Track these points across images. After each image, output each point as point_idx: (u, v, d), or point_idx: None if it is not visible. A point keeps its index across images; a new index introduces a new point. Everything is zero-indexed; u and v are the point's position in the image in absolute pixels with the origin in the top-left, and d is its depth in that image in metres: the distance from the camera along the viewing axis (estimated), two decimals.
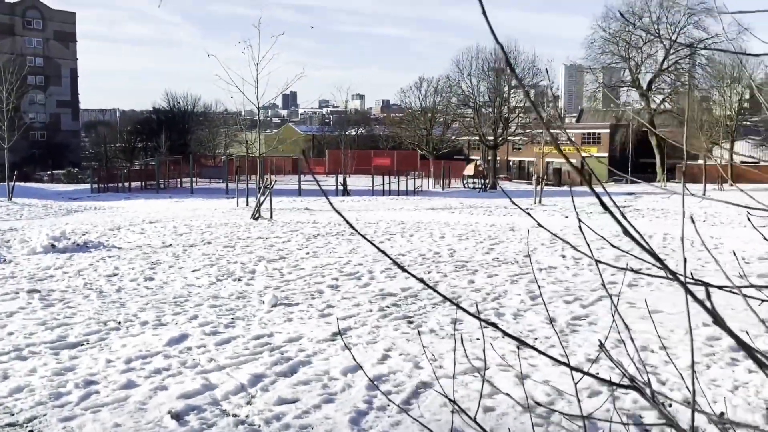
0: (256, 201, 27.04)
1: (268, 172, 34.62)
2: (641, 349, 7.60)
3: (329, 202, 1.39)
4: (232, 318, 9.41)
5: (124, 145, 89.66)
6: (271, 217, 25.90)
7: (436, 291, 1.55)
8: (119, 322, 9.13)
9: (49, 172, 74.02)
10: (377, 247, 1.44)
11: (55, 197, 43.34)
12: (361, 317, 9.45)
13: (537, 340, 8.17)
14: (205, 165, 68.65)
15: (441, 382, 6.48)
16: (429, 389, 6.34)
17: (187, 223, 24.08)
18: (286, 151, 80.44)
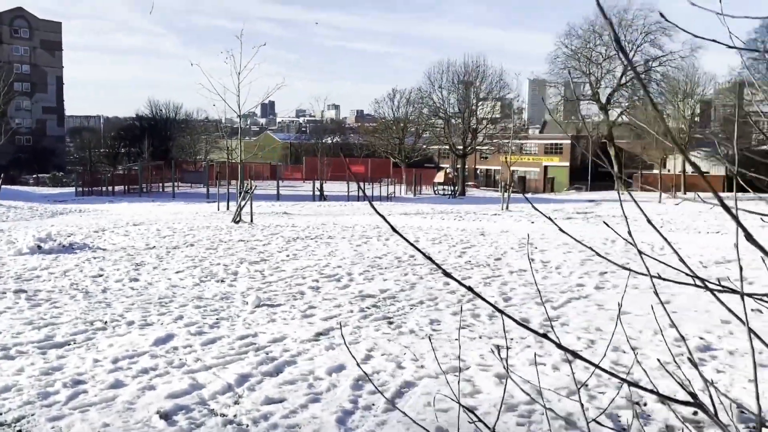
0: (236, 205, 26.78)
1: (247, 178, 34.23)
2: (614, 350, 7.52)
3: (374, 209, 1.26)
4: (217, 318, 9.19)
5: (107, 150, 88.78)
6: (251, 220, 25.62)
7: (491, 303, 1.41)
8: (105, 322, 8.89)
9: (34, 176, 73.13)
10: (435, 262, 1.30)
11: (41, 200, 42.71)
12: (343, 318, 9.28)
13: (513, 340, 8.03)
14: (187, 170, 67.93)
15: (423, 382, 6.39)
16: (412, 389, 6.19)
17: (169, 226, 23.73)
18: (265, 158, 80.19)
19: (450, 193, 61.82)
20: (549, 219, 2.11)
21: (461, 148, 65.85)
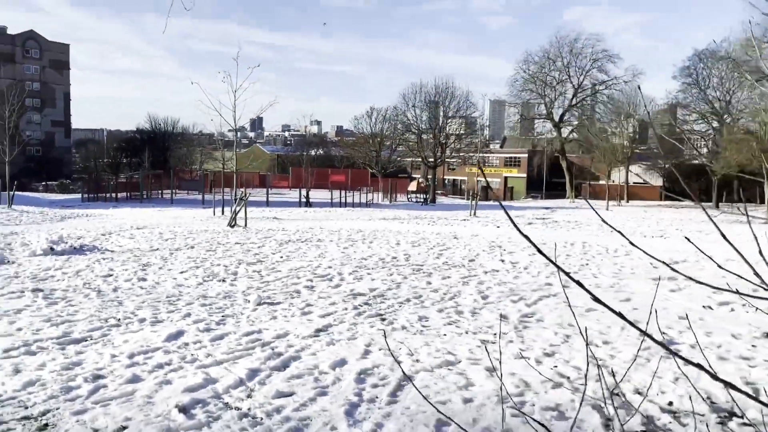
0: (231, 210, 26.40)
1: (240, 186, 33.88)
2: (587, 345, 7.37)
3: (514, 225, 1.08)
4: (222, 316, 8.89)
5: (110, 160, 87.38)
6: (245, 225, 25.24)
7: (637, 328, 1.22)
8: (119, 319, 8.56)
9: (44, 183, 72.08)
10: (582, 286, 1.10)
11: (50, 205, 41.85)
12: (339, 315, 9.02)
13: (496, 335, 7.85)
14: (183, 178, 66.94)
15: (420, 376, 6.18)
16: (412, 381, 5.98)
17: (171, 229, 23.29)
18: (255, 168, 79.57)
19: (422, 200, 61.76)
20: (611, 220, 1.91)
21: (432, 160, 65.80)
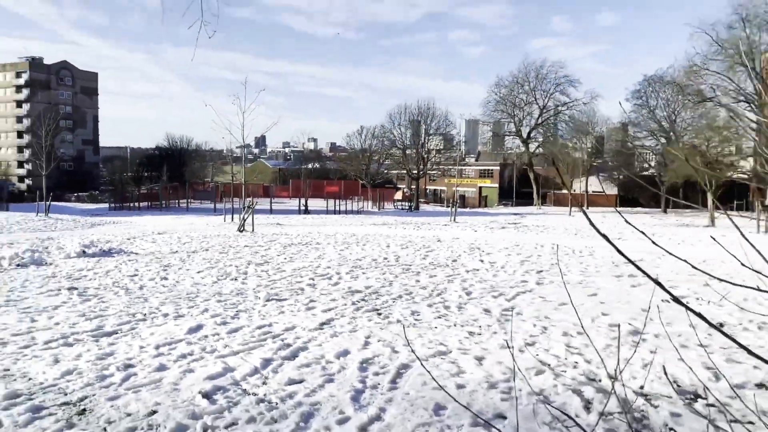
0: (240, 217, 26.23)
1: (247, 195, 33.73)
2: (564, 335, 7.32)
3: (600, 234, 1.04)
4: (236, 311, 8.78)
5: (133, 174, 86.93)
6: (252, 230, 25.10)
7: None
8: (145, 314, 8.43)
9: (75, 194, 72.16)
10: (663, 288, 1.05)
11: (81, 214, 41.53)
12: (339, 310, 8.92)
13: (481, 327, 7.80)
14: (197, 189, 66.63)
15: (416, 364, 6.10)
16: (409, 370, 5.89)
17: (187, 234, 23.11)
18: (259, 180, 79.34)
19: (408, 207, 61.82)
20: (645, 234, 1.86)
21: (415, 172, 65.93)
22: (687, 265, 9.39)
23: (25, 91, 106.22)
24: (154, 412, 4.76)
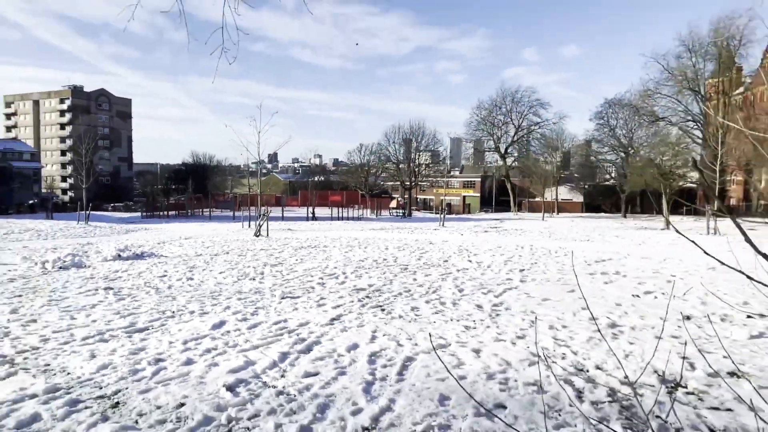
0: (256, 224, 25.92)
1: (262, 205, 33.40)
2: (550, 328, 7.06)
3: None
4: (255, 308, 8.48)
5: (162, 186, 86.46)
6: (267, 235, 24.76)
7: None
8: (173, 312, 8.14)
9: (112, 205, 71.79)
10: None
11: (117, 221, 41.05)
12: (347, 306, 8.63)
13: (475, 321, 7.53)
14: (218, 200, 66.12)
15: (420, 357, 5.84)
16: (413, 362, 5.62)
17: (210, 239, 22.77)
18: (272, 191, 78.96)
19: (401, 214, 61.52)
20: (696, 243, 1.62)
21: (408, 183, 65.66)
22: (649, 264, 9.12)
23: (68, 115, 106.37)
24: (182, 405, 4.48)
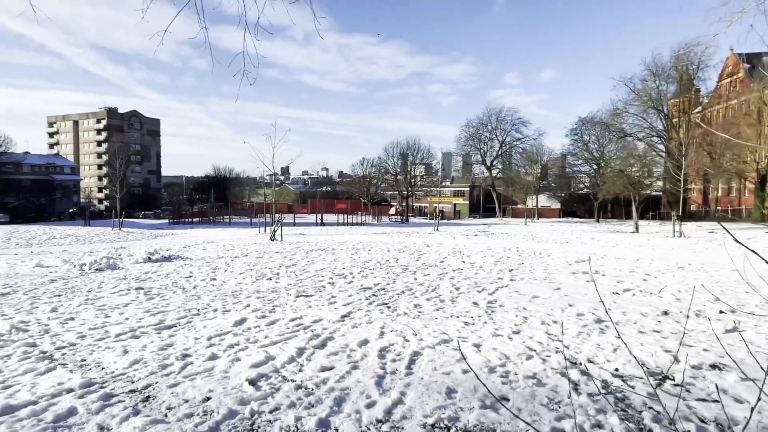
0: (271, 229, 25.67)
1: (276, 212, 33.18)
2: (542, 323, 6.85)
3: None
4: (273, 306, 8.24)
5: (187, 196, 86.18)
6: (281, 239, 24.54)
7: None
8: (198, 310, 7.91)
9: (142, 212, 71.49)
10: None
11: (147, 227, 40.72)
12: (356, 304, 8.40)
13: (473, 317, 7.31)
14: (237, 208, 65.74)
15: (426, 352, 5.61)
16: (420, 357, 5.40)
17: (230, 243, 22.53)
18: (284, 200, 78.68)
19: (400, 220, 61.25)
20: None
21: (405, 192, 65.47)
22: (624, 264, 8.88)
23: (103, 134, 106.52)
24: (208, 399, 4.26)
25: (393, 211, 69.46)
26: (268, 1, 4.38)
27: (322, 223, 46.97)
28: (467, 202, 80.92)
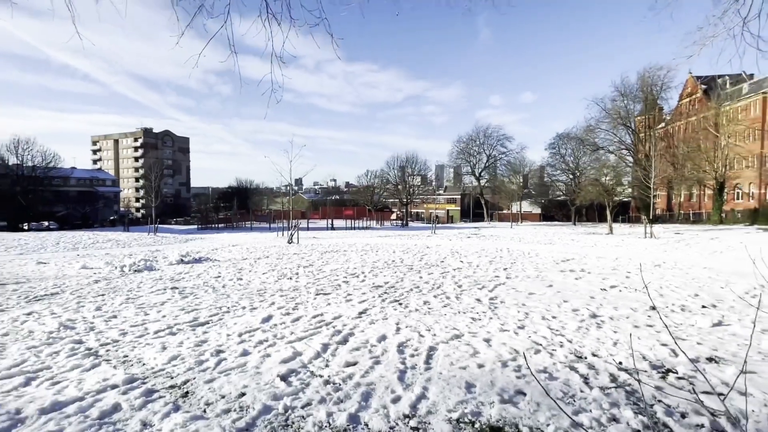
0: (288, 233, 25.39)
1: (293, 218, 32.89)
2: (543, 318, 6.54)
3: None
4: (295, 303, 7.91)
5: (214, 204, 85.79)
6: (298, 242, 24.23)
7: None
8: (228, 308, 7.61)
9: (174, 219, 71.14)
10: None
11: (179, 232, 40.44)
12: (370, 301, 8.08)
13: (478, 313, 7.01)
14: (257, 215, 65.55)
15: (441, 347, 5.31)
16: (436, 351, 5.09)
17: (253, 246, 22.22)
18: (299, 208, 78.36)
19: (400, 224, 60.89)
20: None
21: (404, 200, 65.20)
22: (606, 262, 8.48)
23: (140, 151, 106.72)
24: (243, 394, 3.98)
25: (394, 216, 69.07)
26: (291, 29, 4.16)
27: (333, 228, 46.65)
28: (459, 208, 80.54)
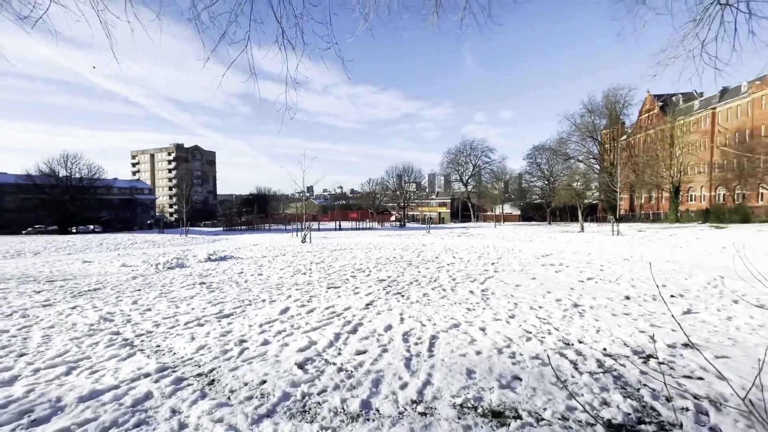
0: (302, 234, 25.18)
1: (306, 220, 32.66)
2: (531, 308, 6.33)
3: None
4: (309, 296, 7.70)
5: (237, 209, 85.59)
6: (310, 241, 24.00)
7: None
8: (250, 301, 7.40)
9: (203, 222, 70.96)
10: None
11: (206, 234, 40.15)
12: (376, 294, 7.87)
13: (472, 304, 6.79)
14: (275, 218, 65.29)
15: (441, 336, 5.09)
16: (437, 340, 4.89)
17: (271, 245, 21.98)
18: (310, 212, 78.16)
19: (398, 225, 60.64)
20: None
21: (402, 204, 65.04)
22: (581, 257, 8.20)
23: (173, 164, 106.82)
24: (264, 382, 3.78)
25: (393, 218, 68.84)
26: (303, 53, 4.00)
27: (340, 229, 46.42)
28: (449, 211, 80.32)
